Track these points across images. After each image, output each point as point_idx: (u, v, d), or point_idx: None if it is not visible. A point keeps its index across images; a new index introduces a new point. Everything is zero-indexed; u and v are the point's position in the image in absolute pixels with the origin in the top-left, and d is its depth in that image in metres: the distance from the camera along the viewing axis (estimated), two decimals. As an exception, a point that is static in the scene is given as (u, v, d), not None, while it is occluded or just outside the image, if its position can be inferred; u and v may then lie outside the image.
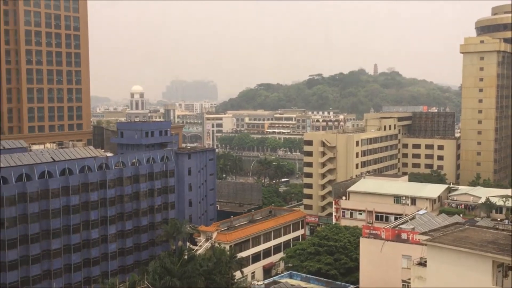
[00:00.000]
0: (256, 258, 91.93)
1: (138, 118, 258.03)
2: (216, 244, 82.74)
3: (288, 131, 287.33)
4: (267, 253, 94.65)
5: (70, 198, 77.41)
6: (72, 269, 78.02)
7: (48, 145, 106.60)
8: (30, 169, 73.49)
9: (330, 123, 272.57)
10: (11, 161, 73.06)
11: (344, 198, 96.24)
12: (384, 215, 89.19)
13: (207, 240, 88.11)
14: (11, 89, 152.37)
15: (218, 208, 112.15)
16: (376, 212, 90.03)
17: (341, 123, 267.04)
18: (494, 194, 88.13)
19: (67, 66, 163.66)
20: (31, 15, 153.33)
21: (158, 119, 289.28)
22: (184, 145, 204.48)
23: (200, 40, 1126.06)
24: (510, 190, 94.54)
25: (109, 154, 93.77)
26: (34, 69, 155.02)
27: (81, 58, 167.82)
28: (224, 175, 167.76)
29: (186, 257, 67.13)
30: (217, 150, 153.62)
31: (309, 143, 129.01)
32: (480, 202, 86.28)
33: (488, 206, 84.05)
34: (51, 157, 79.45)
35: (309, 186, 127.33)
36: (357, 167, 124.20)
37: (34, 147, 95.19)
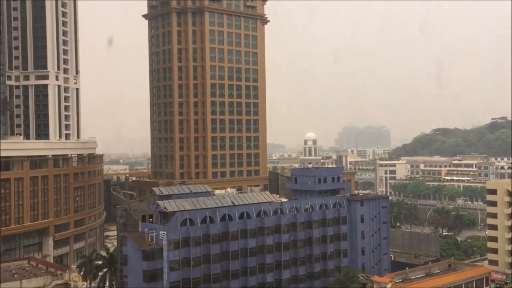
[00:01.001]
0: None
1: (311, 165, 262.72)
2: (391, 297, 79.52)
3: (468, 178, 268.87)
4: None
5: (247, 241, 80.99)
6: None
7: (228, 189, 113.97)
8: (213, 212, 78.83)
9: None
10: (197, 205, 79.29)
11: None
12: None
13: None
14: (198, 137, 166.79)
15: (392, 258, 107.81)
16: None
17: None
18: None
19: (246, 115, 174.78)
20: (216, 69, 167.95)
21: (330, 166, 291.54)
22: (356, 191, 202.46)
23: (373, 85, 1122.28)
24: None
25: (283, 200, 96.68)
26: (218, 119, 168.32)
27: (259, 108, 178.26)
28: (398, 224, 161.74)
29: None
30: (390, 198, 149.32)
31: (493, 192, 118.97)
32: None
33: None
34: (231, 201, 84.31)
35: (494, 239, 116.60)
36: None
37: (217, 192, 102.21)
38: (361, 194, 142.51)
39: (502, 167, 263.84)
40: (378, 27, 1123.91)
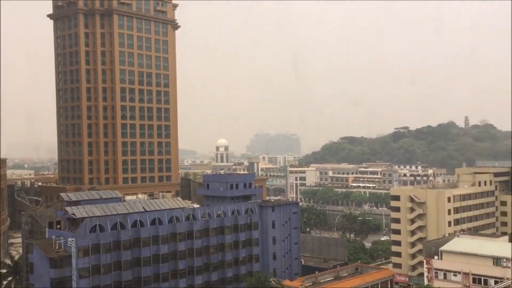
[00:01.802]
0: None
1: (223, 171, 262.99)
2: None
3: (374, 185, 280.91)
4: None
5: (159, 247, 79.53)
6: (161, 318, 79.10)
7: (140, 195, 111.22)
8: (123, 218, 76.56)
9: (418, 178, 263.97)
10: (107, 211, 76.63)
11: (436, 257, 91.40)
12: (482, 278, 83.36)
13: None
14: (107, 142, 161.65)
15: (303, 263, 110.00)
16: (473, 274, 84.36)
17: (430, 178, 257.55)
18: None
19: (157, 120, 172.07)
20: (126, 73, 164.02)
21: (242, 172, 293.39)
22: (267, 197, 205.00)
23: (283, 93, 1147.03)
24: None
25: (196, 206, 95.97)
26: (128, 124, 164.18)
27: (170, 113, 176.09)
28: (308, 229, 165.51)
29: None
30: (300, 204, 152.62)
31: (396, 198, 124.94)
32: None
33: None
34: (143, 207, 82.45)
35: (398, 243, 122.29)
36: (449, 225, 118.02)
37: (128, 197, 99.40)
38: (273, 200, 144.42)
39: (405, 175, 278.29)
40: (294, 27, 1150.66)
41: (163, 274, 79.48)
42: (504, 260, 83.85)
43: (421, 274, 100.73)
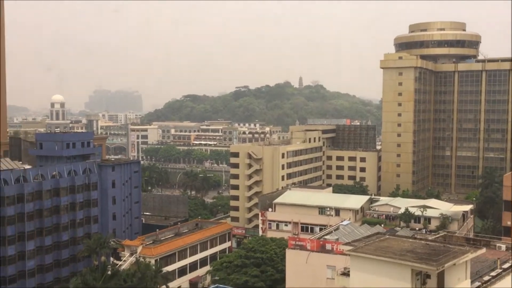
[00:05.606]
0: (182, 272, 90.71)
1: (58, 129, 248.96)
2: (141, 259, 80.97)
3: (215, 142, 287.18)
4: (193, 266, 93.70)
5: (-16, 213, 73.43)
6: (-14, 289, 73.96)
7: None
8: None
9: (256, 135, 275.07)
10: None
11: (270, 210, 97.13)
12: (309, 226, 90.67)
13: (131, 254, 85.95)
14: None
15: (144, 222, 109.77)
16: (301, 223, 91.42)
17: (267, 135, 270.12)
18: (412, 205, 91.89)
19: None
20: None
21: (80, 130, 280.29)
22: (107, 157, 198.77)
23: (124, 48, 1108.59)
24: (427, 200, 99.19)
25: (27, 167, 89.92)
26: None
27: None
28: (149, 188, 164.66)
29: (109, 272, 65.33)
30: (142, 162, 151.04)
31: (236, 155, 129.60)
32: (399, 212, 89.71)
33: (407, 216, 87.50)
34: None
35: (236, 198, 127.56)
36: (283, 179, 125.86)
37: None
38: (113, 159, 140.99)
39: (244, 132, 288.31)
40: None
41: (-12, 241, 73.90)
42: (328, 209, 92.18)
43: (257, 226, 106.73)
